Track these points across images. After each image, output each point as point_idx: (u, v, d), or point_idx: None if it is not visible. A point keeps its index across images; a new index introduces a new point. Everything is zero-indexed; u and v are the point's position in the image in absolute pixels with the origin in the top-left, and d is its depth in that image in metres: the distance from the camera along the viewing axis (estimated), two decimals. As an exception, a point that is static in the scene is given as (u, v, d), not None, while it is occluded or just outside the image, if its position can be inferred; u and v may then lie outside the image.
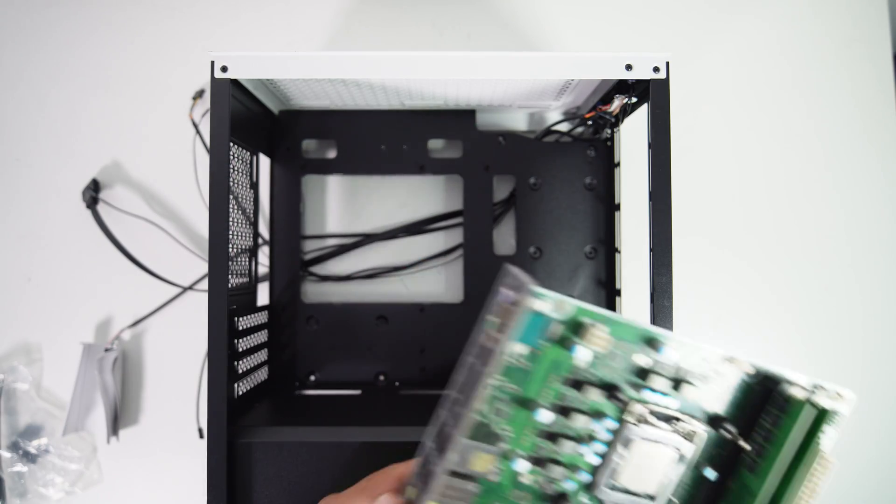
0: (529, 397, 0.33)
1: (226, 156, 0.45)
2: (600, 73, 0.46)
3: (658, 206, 0.44)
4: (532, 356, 0.32)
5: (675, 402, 0.35)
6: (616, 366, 0.34)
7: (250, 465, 0.45)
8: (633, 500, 0.35)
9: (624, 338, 0.33)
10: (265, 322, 0.59)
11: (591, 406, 0.34)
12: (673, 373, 0.34)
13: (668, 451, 0.35)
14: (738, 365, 0.34)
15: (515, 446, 0.33)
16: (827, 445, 0.34)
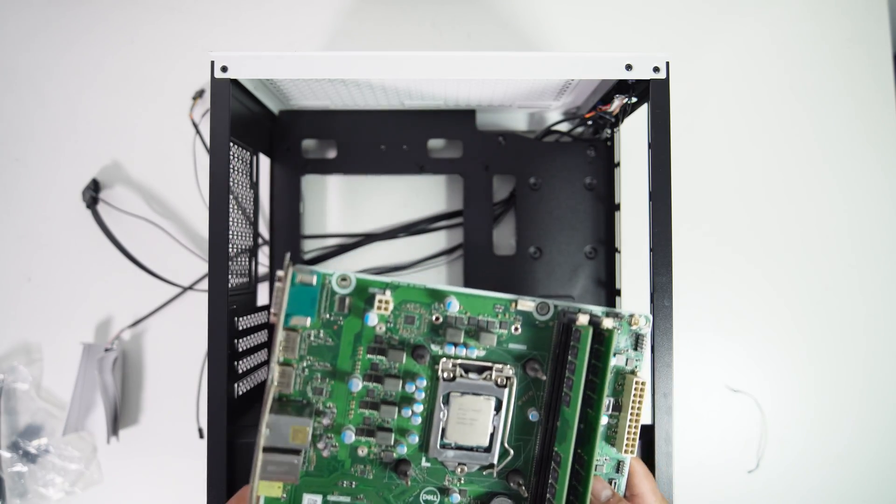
0: (343, 370, 0.36)
1: (226, 156, 0.45)
2: (600, 73, 0.46)
3: (658, 206, 0.44)
4: (335, 333, 0.36)
5: (480, 352, 0.37)
6: (415, 328, 0.36)
7: (250, 466, 0.45)
8: (467, 454, 0.37)
9: (413, 299, 0.36)
10: (265, 322, 0.59)
11: (400, 369, 0.36)
12: (468, 324, 0.37)
13: (486, 400, 0.37)
14: (523, 304, 0.37)
15: (343, 420, 0.36)
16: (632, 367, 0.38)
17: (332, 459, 0.37)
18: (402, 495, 0.38)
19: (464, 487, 0.38)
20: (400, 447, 0.37)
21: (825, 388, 0.66)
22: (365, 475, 0.37)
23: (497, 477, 0.38)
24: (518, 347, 0.38)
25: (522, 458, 0.38)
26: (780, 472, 0.65)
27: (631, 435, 0.37)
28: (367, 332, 0.36)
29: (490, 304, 0.37)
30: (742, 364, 0.66)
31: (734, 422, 0.66)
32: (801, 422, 0.66)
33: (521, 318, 0.38)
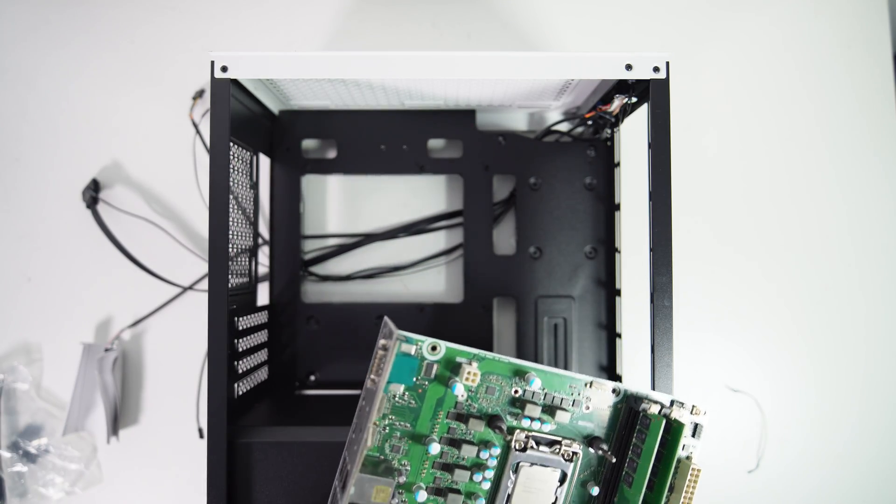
0: (421, 433, 0.37)
1: (226, 156, 0.45)
2: (600, 73, 0.46)
3: (658, 206, 0.44)
4: (418, 396, 0.37)
5: (552, 426, 0.39)
6: (494, 398, 0.38)
7: (250, 465, 0.45)
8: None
9: (496, 372, 0.38)
10: (265, 322, 0.59)
11: (476, 436, 0.38)
12: (544, 400, 0.39)
13: (552, 472, 0.38)
14: (600, 387, 0.39)
15: (415, 479, 0.38)
16: (688, 453, 0.39)
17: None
18: None
19: None
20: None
21: (825, 388, 0.66)
22: None
23: None
24: (586, 425, 0.40)
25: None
26: (780, 472, 0.65)
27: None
28: (450, 398, 0.38)
29: (565, 383, 0.39)
30: (742, 364, 0.66)
31: (734, 422, 0.66)
32: (801, 422, 0.66)
33: (593, 398, 0.40)
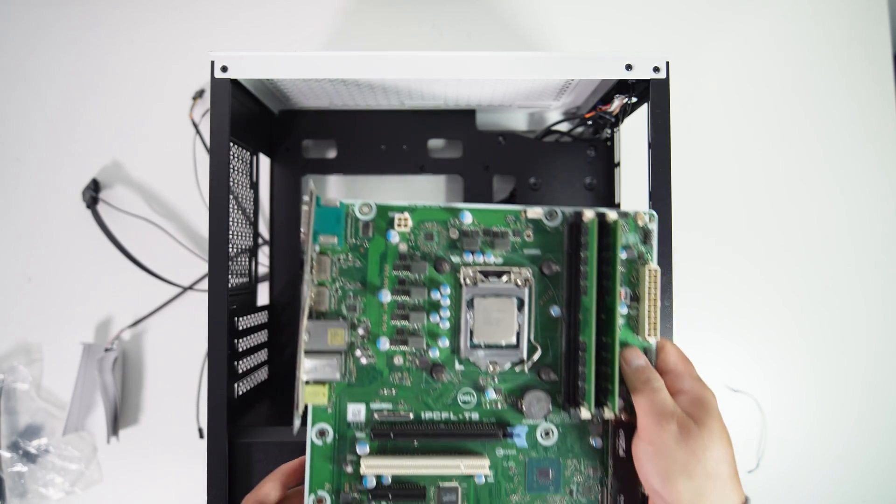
0: (372, 284, 0.39)
1: (226, 156, 0.45)
2: (600, 73, 0.46)
3: (658, 206, 0.44)
4: (362, 255, 0.40)
5: (497, 259, 0.40)
6: (434, 243, 0.40)
7: (250, 465, 0.45)
8: (497, 352, 0.40)
9: (431, 218, 0.40)
10: (265, 322, 0.59)
11: (425, 279, 0.40)
12: (485, 236, 0.40)
13: (508, 301, 0.40)
14: (536, 214, 0.41)
15: (377, 331, 0.39)
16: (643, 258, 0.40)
17: (371, 369, 0.40)
18: (440, 398, 0.40)
19: (499, 386, 0.40)
20: (432, 351, 0.40)
21: (825, 388, 0.66)
22: (403, 382, 0.40)
23: (529, 373, 0.40)
24: (533, 252, 0.40)
25: (551, 353, 0.40)
26: (780, 472, 0.65)
27: (652, 320, 0.39)
28: (392, 250, 0.40)
29: (501, 215, 0.41)
30: (742, 364, 0.66)
31: (734, 422, 0.66)
32: (801, 422, 0.66)
33: (532, 225, 0.41)
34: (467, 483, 0.40)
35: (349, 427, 0.39)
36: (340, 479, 0.39)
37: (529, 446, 0.40)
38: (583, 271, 0.39)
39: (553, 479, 0.40)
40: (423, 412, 0.40)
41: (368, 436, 0.39)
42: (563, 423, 0.40)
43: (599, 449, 0.40)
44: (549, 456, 0.40)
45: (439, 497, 0.39)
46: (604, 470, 0.40)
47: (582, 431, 0.40)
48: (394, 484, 0.39)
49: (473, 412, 0.40)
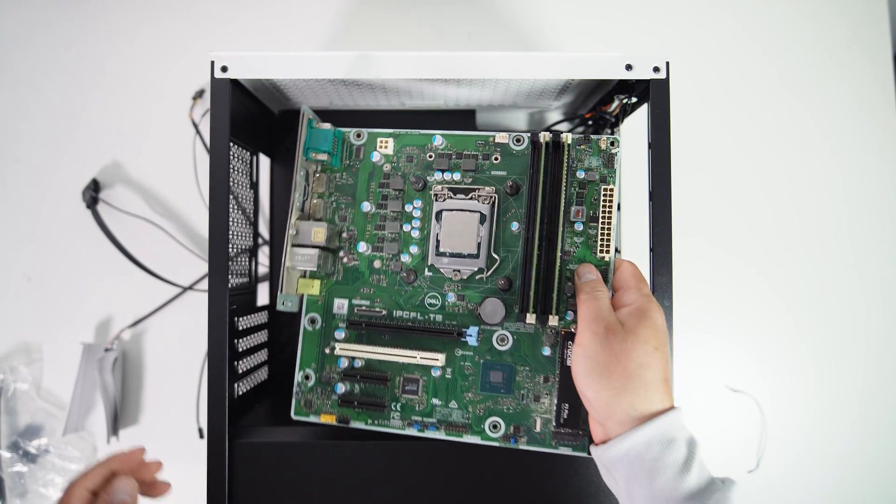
0: (360, 200, 0.47)
1: (226, 156, 0.45)
2: (600, 73, 0.46)
3: (658, 206, 0.44)
4: (353, 174, 0.47)
5: (467, 179, 0.45)
6: (413, 165, 0.46)
7: (250, 465, 0.45)
8: (459, 260, 0.44)
9: (411, 143, 0.46)
10: (265, 322, 0.59)
11: (403, 195, 0.46)
12: (456, 158, 0.45)
13: (471, 215, 0.44)
14: (503, 138, 0.45)
15: (361, 237, 0.46)
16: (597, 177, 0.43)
17: (354, 270, 0.47)
18: (410, 299, 0.46)
19: (461, 292, 0.45)
20: (404, 255, 0.46)
21: (825, 388, 0.66)
22: (380, 283, 0.46)
23: (488, 282, 0.44)
24: (499, 173, 0.45)
25: (510, 265, 0.44)
26: (780, 472, 0.65)
27: (605, 238, 0.43)
28: (378, 170, 0.47)
29: (472, 140, 0.46)
30: (742, 364, 0.66)
31: (734, 422, 0.66)
32: (801, 422, 0.66)
33: (500, 149, 0.45)
34: (427, 376, 0.45)
35: (334, 318, 0.46)
36: (323, 361, 0.46)
37: (485, 350, 0.44)
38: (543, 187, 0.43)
39: (505, 382, 0.44)
40: (395, 311, 0.46)
41: (346, 326, 0.46)
42: (518, 331, 0.44)
43: (550, 358, 0.43)
44: (504, 361, 0.44)
45: (402, 385, 0.45)
46: (553, 378, 0.43)
47: (535, 340, 0.44)
48: (363, 369, 0.46)
49: (437, 314, 0.45)
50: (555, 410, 0.43)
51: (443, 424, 0.44)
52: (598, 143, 0.44)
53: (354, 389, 0.46)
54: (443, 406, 0.44)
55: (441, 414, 0.44)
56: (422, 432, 0.44)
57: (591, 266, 0.42)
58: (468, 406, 0.44)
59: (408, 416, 0.45)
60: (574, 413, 0.43)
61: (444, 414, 0.44)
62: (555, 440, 0.43)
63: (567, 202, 0.43)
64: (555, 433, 0.43)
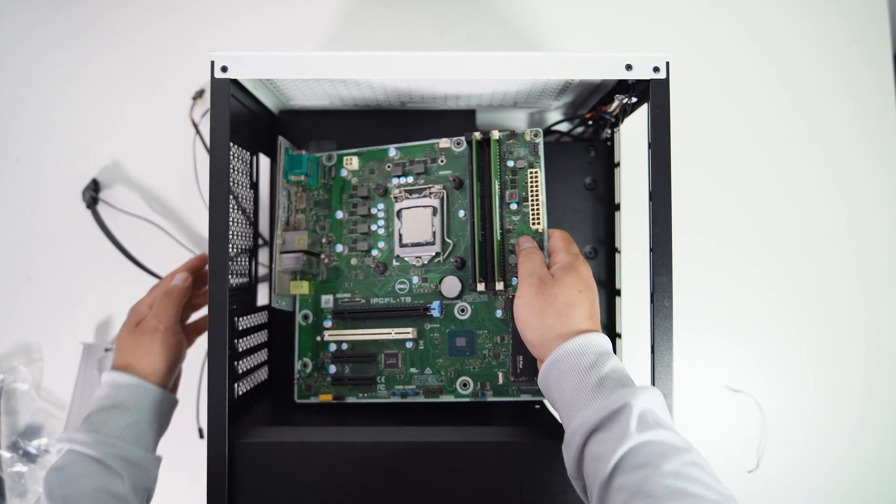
0: (335, 208, 0.55)
1: (226, 156, 0.45)
2: (600, 73, 0.46)
3: (658, 206, 0.44)
4: (327, 190, 0.55)
5: (419, 180, 0.53)
6: (375, 176, 0.54)
7: (250, 465, 0.45)
8: (420, 248, 0.51)
9: (374, 158, 0.54)
10: (265, 322, 0.59)
11: (369, 201, 0.54)
12: (410, 165, 0.53)
13: (425, 209, 0.52)
14: (446, 143, 0.52)
15: (338, 241, 0.54)
16: (526, 165, 0.50)
17: (335, 270, 0.54)
18: (383, 287, 0.53)
19: (424, 276, 0.52)
20: (374, 251, 0.53)
21: (825, 388, 0.66)
22: (357, 277, 0.54)
23: (445, 263, 0.51)
24: (446, 172, 0.52)
25: (462, 247, 0.51)
26: (780, 472, 0.65)
27: (535, 213, 0.49)
28: (347, 184, 0.55)
29: (421, 148, 0.53)
30: (742, 364, 0.66)
31: (734, 422, 0.66)
32: (801, 422, 0.66)
33: (444, 152, 0.53)
34: (404, 350, 0.51)
35: (322, 311, 0.54)
36: (317, 349, 0.54)
37: (448, 321, 0.51)
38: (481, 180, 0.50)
39: (469, 345, 0.50)
40: (372, 298, 0.53)
41: (332, 316, 0.53)
42: (475, 301, 0.50)
43: (503, 319, 0.50)
44: (465, 328, 0.50)
45: (385, 360, 0.52)
46: (507, 337, 0.50)
47: (490, 307, 0.50)
48: (350, 350, 0.53)
49: (407, 296, 0.52)
50: (511, 363, 0.49)
51: (421, 389, 0.51)
52: (523, 135, 0.50)
53: (345, 370, 0.53)
54: (419, 373, 0.51)
55: (419, 380, 0.51)
56: (404, 398, 0.51)
57: (528, 237, 0.48)
58: (440, 370, 0.51)
59: (391, 386, 0.52)
60: (528, 363, 0.49)
61: (421, 380, 0.51)
62: (515, 388, 0.49)
63: (502, 187, 0.50)
64: (514, 382, 0.49)
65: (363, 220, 0.53)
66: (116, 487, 0.43)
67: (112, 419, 0.46)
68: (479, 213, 0.49)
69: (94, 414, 0.47)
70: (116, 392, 0.48)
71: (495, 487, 0.45)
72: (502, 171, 0.50)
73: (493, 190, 0.49)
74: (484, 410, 0.52)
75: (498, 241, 0.49)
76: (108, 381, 0.49)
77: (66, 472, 0.43)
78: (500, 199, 0.49)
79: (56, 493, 0.41)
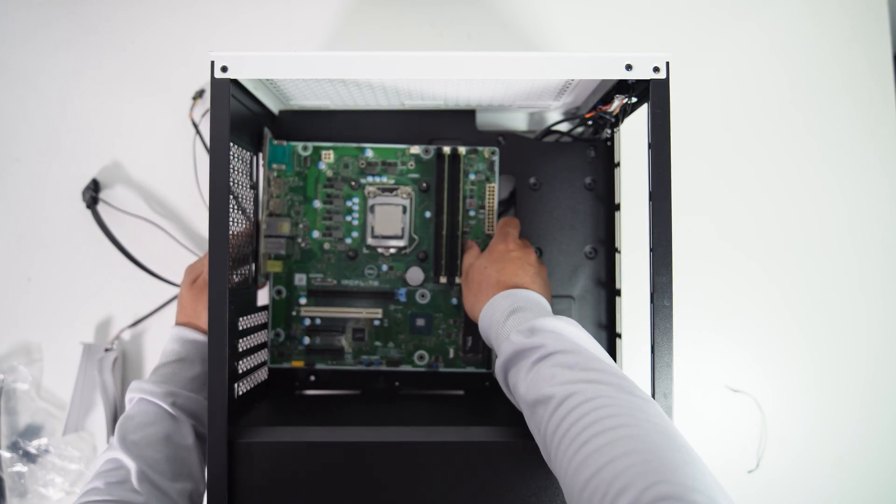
0: (310, 197, 0.60)
1: (226, 156, 0.45)
2: (600, 73, 0.46)
3: (658, 206, 0.44)
4: (303, 178, 0.60)
5: (391, 180, 0.60)
6: (350, 170, 0.60)
7: (250, 465, 0.45)
8: (389, 240, 0.59)
9: (348, 154, 0.60)
10: (265, 322, 0.59)
11: (344, 194, 0.60)
12: (382, 166, 0.59)
13: (395, 207, 0.59)
14: (416, 150, 0.59)
15: (312, 227, 0.60)
16: (483, 178, 0.60)
17: (309, 252, 0.60)
18: (353, 271, 0.60)
19: (392, 264, 0.60)
20: (347, 239, 0.60)
21: (825, 388, 0.66)
22: (330, 261, 0.60)
23: (411, 255, 0.59)
24: (414, 175, 0.60)
25: (426, 242, 0.60)
26: (780, 472, 0.65)
27: (490, 220, 0.59)
28: (322, 175, 0.60)
29: (393, 151, 0.60)
30: (742, 364, 0.66)
31: (734, 422, 0.66)
32: (801, 422, 0.66)
33: (414, 157, 0.60)
34: (371, 327, 0.60)
35: (295, 288, 0.60)
36: (290, 322, 0.60)
37: (411, 304, 0.60)
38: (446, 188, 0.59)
39: (427, 325, 0.60)
40: (343, 280, 0.60)
41: (307, 294, 0.59)
42: (434, 289, 0.60)
43: (457, 306, 0.60)
44: (425, 311, 0.60)
45: (353, 334, 0.60)
46: (459, 320, 0.60)
47: (446, 294, 0.60)
48: (322, 325, 0.60)
49: (374, 281, 0.60)
50: (461, 342, 0.60)
51: (384, 360, 0.60)
52: (483, 153, 0.59)
53: (316, 341, 0.60)
54: (383, 347, 0.60)
55: (382, 352, 0.60)
56: (370, 367, 0.60)
57: (469, 240, 0.59)
58: (401, 345, 0.60)
59: (358, 357, 0.60)
60: (475, 342, 0.60)
61: (384, 352, 0.60)
62: (463, 362, 0.60)
63: (463, 196, 0.59)
64: (463, 357, 0.60)
65: (338, 211, 0.60)
66: (182, 437, 0.47)
67: (179, 372, 0.50)
68: (445, 215, 0.59)
69: (161, 367, 0.51)
70: (182, 347, 0.52)
71: (493, 486, 0.45)
72: (464, 182, 0.59)
73: (458, 197, 0.59)
74: (483, 411, 0.55)
75: (458, 238, 0.59)
76: (174, 335, 0.53)
77: (137, 419, 0.46)
78: (463, 204, 0.59)
79: (128, 438, 0.45)
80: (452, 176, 0.59)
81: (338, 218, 0.59)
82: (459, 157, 0.59)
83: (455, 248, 0.59)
